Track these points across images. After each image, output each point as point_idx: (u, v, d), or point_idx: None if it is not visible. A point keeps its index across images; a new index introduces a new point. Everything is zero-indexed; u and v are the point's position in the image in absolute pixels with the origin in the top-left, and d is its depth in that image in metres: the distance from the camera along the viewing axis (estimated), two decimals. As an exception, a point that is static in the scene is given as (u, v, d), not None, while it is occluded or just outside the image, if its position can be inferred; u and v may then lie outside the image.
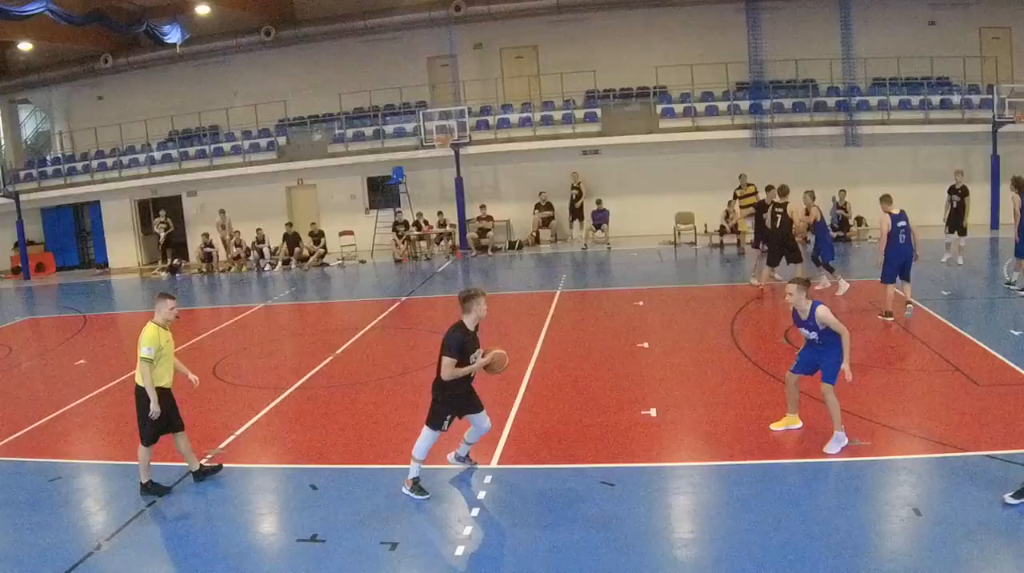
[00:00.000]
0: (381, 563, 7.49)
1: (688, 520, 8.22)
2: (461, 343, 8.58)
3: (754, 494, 8.57)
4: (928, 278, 18.67)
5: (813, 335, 9.84)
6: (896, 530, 7.78)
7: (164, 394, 9.07)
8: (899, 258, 15.03)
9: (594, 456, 9.66)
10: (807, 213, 18.12)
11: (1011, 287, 17.80)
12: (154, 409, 8.92)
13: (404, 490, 8.84)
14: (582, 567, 7.28)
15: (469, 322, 8.73)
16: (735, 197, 25.29)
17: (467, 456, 9.37)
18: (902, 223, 15.00)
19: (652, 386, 12.47)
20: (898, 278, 15.33)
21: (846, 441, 9.70)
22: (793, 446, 9.80)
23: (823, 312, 9.69)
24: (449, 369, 8.53)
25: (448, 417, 8.77)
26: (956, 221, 21.33)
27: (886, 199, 15.60)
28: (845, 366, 9.59)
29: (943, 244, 21.45)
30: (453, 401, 8.74)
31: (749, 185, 25.12)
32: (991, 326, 15.24)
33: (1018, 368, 12.10)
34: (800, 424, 10.26)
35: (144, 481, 9.18)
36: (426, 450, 8.81)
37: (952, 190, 22.02)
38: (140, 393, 9.04)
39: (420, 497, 8.71)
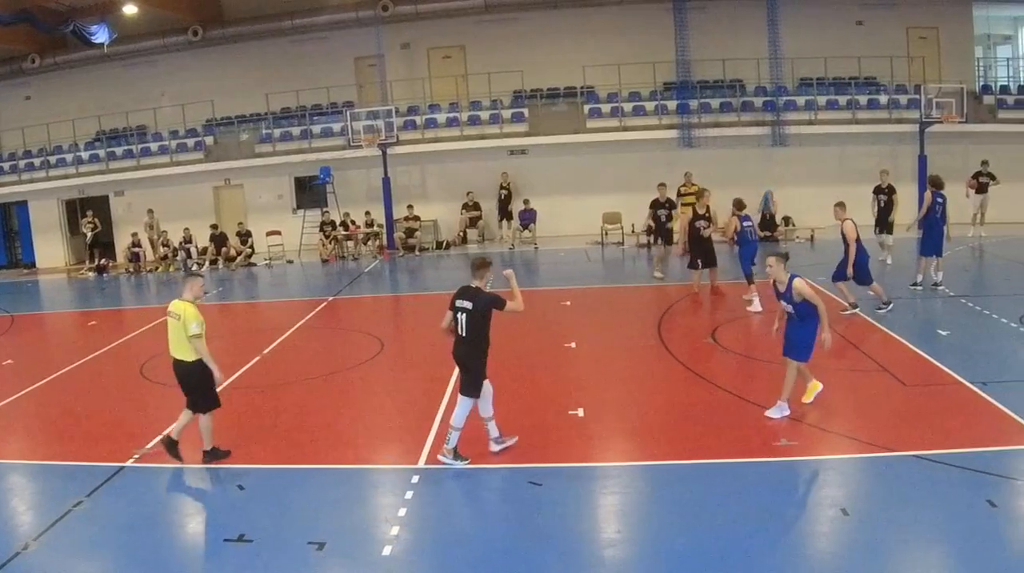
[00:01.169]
0: (309, 563, 7.40)
1: (615, 520, 8.15)
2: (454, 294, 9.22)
3: (681, 494, 8.53)
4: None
5: (790, 308, 10.29)
6: (824, 530, 7.75)
7: (201, 367, 9.52)
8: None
9: (521, 456, 9.52)
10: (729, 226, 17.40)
11: (916, 287, 17.54)
12: (218, 375, 9.55)
13: (445, 459, 9.15)
14: (509, 567, 7.23)
15: (483, 286, 9.15)
16: (679, 194, 24.64)
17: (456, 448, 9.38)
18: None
19: (579, 386, 12.29)
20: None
21: (788, 412, 10.20)
22: (721, 446, 9.69)
23: (800, 284, 10.12)
24: (514, 300, 9.03)
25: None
26: (885, 220, 21.04)
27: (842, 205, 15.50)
28: (825, 334, 10.08)
29: (876, 244, 20.94)
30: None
31: (693, 184, 24.78)
32: (918, 326, 15.17)
33: (945, 368, 12.03)
34: (821, 386, 10.65)
35: (208, 448, 9.69)
36: (465, 418, 9.18)
37: (879, 190, 22.00)
38: (190, 369, 9.51)
39: (462, 463, 9.10)
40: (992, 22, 30.12)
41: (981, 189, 25.32)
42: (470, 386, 9.26)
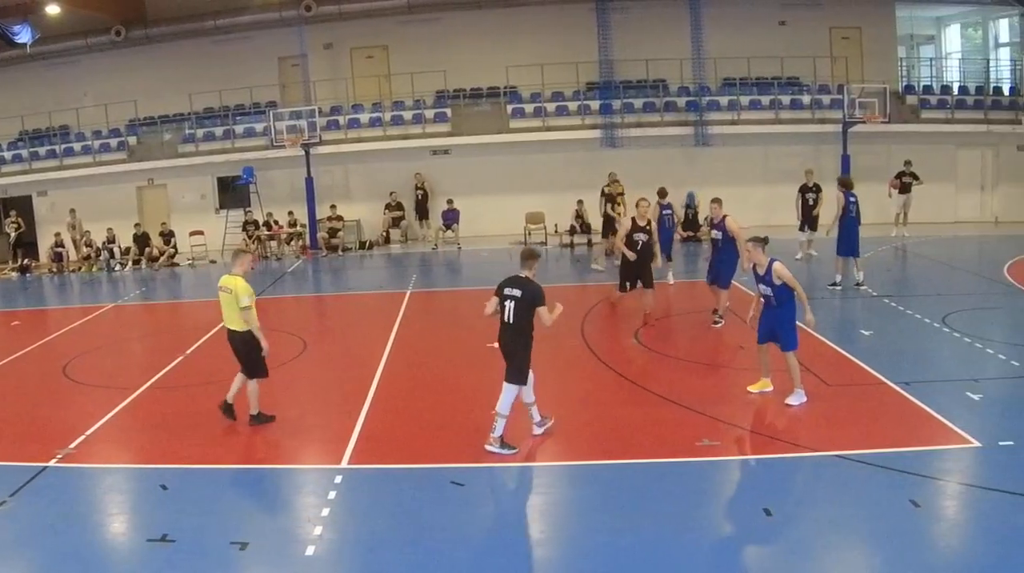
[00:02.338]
0: (231, 563, 7.33)
1: (540, 520, 8.13)
2: (502, 282, 9.54)
3: (605, 494, 8.47)
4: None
5: (769, 291, 10.49)
6: (747, 530, 7.71)
7: (252, 336, 10.33)
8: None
9: (444, 456, 9.50)
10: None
11: (835, 287, 17.43)
12: (265, 346, 10.33)
13: (492, 448, 9.30)
14: (431, 567, 7.16)
15: (532, 276, 9.48)
16: (602, 194, 24.94)
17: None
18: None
19: (501, 386, 12.10)
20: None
21: (804, 398, 10.47)
22: (644, 446, 9.64)
23: (780, 268, 10.37)
24: (551, 313, 9.32)
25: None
26: (809, 218, 21.07)
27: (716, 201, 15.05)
28: (809, 316, 10.48)
29: (796, 243, 21.07)
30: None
31: (616, 182, 25.01)
32: (841, 326, 15.11)
33: (868, 368, 12.06)
34: (771, 388, 10.86)
35: (254, 413, 10.52)
36: (511, 405, 9.38)
37: (805, 189, 21.93)
38: (242, 338, 10.37)
39: (509, 452, 9.27)
40: (915, 22, 29.82)
41: (904, 189, 25.12)
42: (516, 373, 9.43)
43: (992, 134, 26.92)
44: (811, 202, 21.25)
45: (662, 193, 18.84)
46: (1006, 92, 28.27)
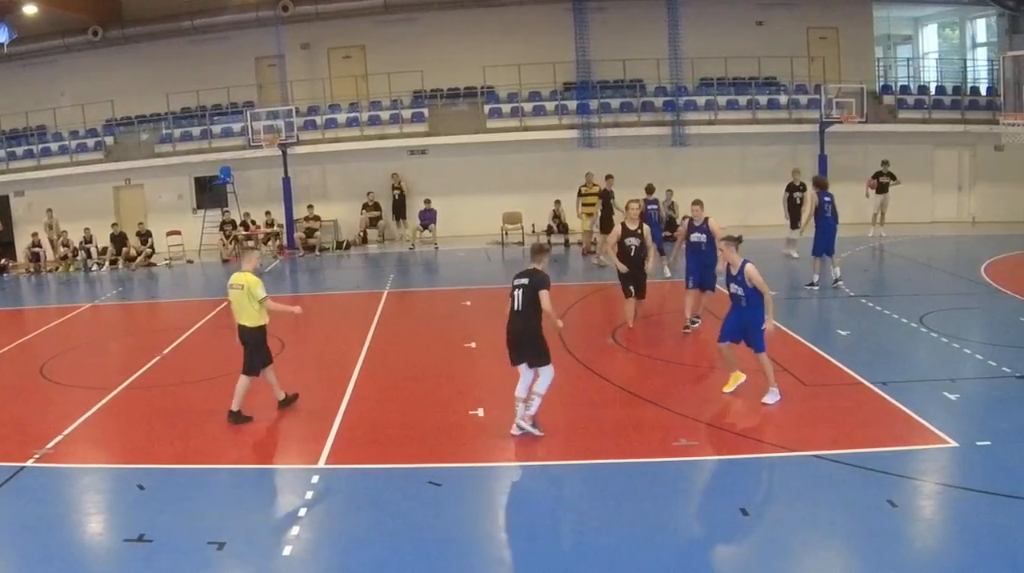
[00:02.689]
0: (209, 563, 7.31)
1: (517, 520, 8.14)
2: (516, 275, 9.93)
3: (581, 494, 8.55)
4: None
5: (740, 291, 10.66)
6: (724, 530, 7.69)
7: (261, 331, 10.62)
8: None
9: (421, 456, 9.51)
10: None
11: (813, 287, 17.40)
12: (297, 309, 11.00)
13: (526, 426, 9.63)
14: (408, 567, 7.14)
15: (541, 268, 9.87)
16: (579, 194, 24.24)
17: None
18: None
19: (479, 386, 12.14)
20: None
21: (779, 396, 10.57)
22: (620, 446, 9.65)
23: (751, 270, 10.52)
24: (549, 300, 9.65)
25: None
26: (798, 216, 21.10)
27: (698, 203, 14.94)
28: (769, 324, 10.54)
29: (785, 241, 21.28)
30: None
31: (594, 183, 24.39)
32: (818, 326, 15.25)
33: (845, 368, 12.05)
34: (745, 377, 11.00)
35: (235, 409, 10.58)
36: (542, 385, 9.70)
37: (792, 187, 21.99)
38: (252, 334, 10.56)
39: (539, 433, 9.63)
40: (892, 22, 29.73)
41: (881, 189, 25.05)
42: (538, 356, 9.72)
43: (969, 134, 26.83)
44: (798, 201, 21.36)
45: (649, 189, 20.13)
46: (983, 92, 28.14)
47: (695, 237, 14.38)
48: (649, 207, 18.80)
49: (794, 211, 21.59)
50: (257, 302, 10.48)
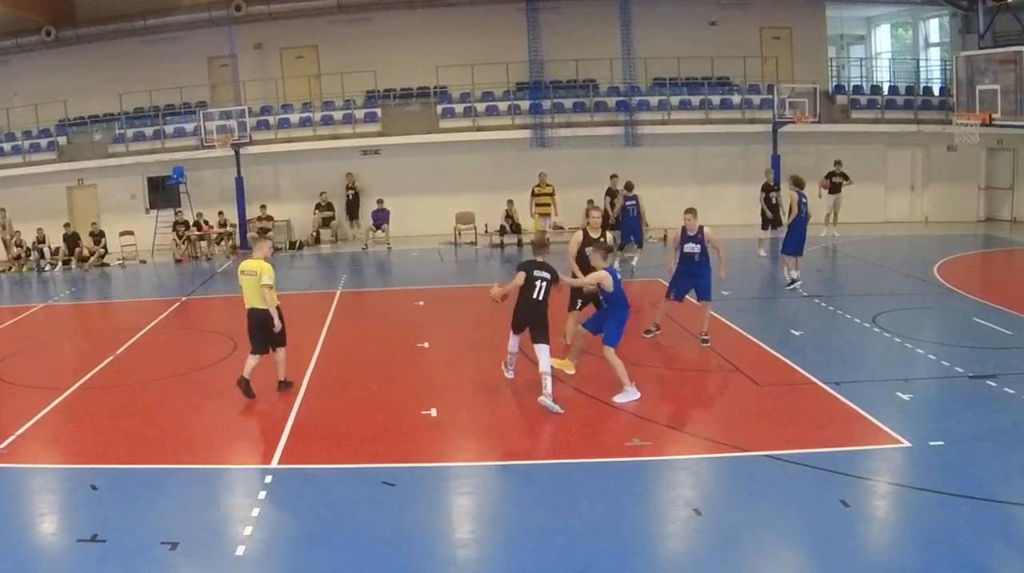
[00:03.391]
0: (162, 563, 7.26)
1: (469, 520, 8.12)
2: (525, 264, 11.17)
3: (534, 495, 8.49)
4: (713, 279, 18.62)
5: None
6: (677, 530, 7.73)
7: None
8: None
9: (375, 456, 9.49)
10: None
11: (795, 287, 17.39)
12: (278, 323, 11.25)
13: (547, 401, 10.42)
14: (361, 568, 7.13)
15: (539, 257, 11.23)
16: (533, 194, 24.20)
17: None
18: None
19: (433, 386, 12.15)
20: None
21: (636, 395, 10.81)
22: (573, 446, 9.64)
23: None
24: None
25: None
26: (777, 216, 21.41)
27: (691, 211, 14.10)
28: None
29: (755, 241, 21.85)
30: None
31: (548, 184, 24.25)
32: (772, 326, 15.11)
33: (798, 368, 12.05)
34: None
35: (282, 378, 11.78)
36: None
37: (768, 187, 21.99)
38: (265, 316, 11.24)
39: (559, 409, 10.41)
40: (845, 22, 29.71)
41: (834, 189, 24.90)
42: (546, 334, 10.88)
43: (922, 134, 26.72)
44: (774, 200, 21.41)
45: (629, 186, 20.93)
46: (936, 92, 28.01)
47: (688, 247, 13.44)
48: (628, 203, 20.50)
49: (773, 211, 21.63)
50: (261, 286, 11.14)
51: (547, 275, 10.93)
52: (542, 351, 10.68)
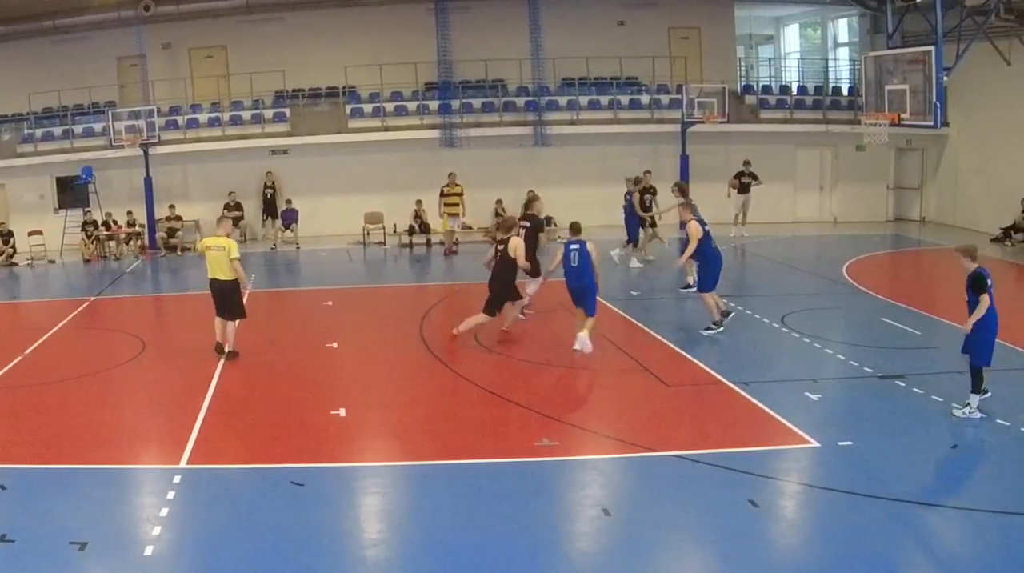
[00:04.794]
0: (70, 563, 7.24)
1: (378, 520, 8.15)
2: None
3: (443, 494, 8.54)
4: (619, 278, 18.86)
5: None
6: (586, 530, 7.79)
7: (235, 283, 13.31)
8: None
9: (283, 456, 9.49)
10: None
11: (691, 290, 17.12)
12: (248, 285, 13.74)
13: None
14: (270, 567, 7.13)
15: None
16: (442, 194, 24.01)
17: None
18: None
19: (341, 386, 12.22)
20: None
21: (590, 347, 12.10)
22: (483, 446, 9.77)
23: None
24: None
25: None
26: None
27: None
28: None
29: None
30: None
31: (457, 184, 24.06)
32: (680, 326, 15.12)
33: (707, 368, 12.17)
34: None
35: (230, 350, 13.30)
36: None
37: (645, 190, 22.01)
38: (230, 287, 13.25)
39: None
40: (754, 22, 29.53)
41: (743, 189, 24.70)
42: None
43: (831, 134, 26.65)
44: (648, 203, 21.39)
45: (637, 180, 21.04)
46: (845, 92, 27.92)
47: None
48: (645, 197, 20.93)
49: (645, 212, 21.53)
50: (230, 259, 12.92)
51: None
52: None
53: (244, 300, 13.37)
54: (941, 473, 9.09)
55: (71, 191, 27.20)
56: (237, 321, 13.30)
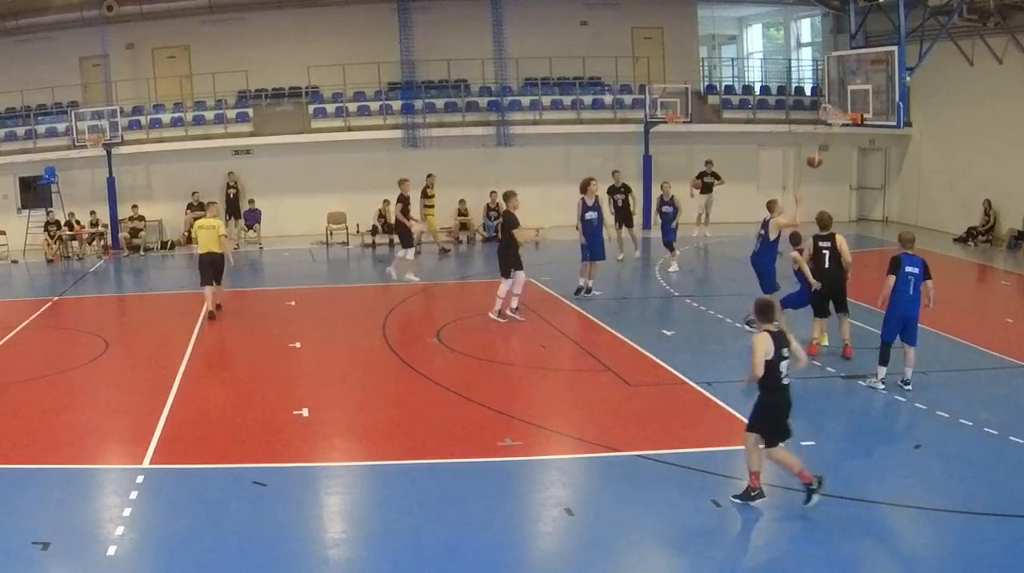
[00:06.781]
0: (33, 563, 7.22)
1: (340, 520, 8.17)
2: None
3: (406, 494, 8.48)
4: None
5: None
6: (548, 530, 7.83)
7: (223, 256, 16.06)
8: None
9: (246, 456, 9.49)
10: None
11: (591, 295, 17.02)
12: (231, 261, 16.71)
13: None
14: (233, 567, 7.14)
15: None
16: (424, 195, 23.74)
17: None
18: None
19: (304, 386, 12.15)
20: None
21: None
22: (445, 446, 9.72)
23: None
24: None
25: None
26: (625, 217, 20.99)
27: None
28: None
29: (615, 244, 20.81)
30: None
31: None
32: (643, 326, 15.13)
33: (670, 368, 12.16)
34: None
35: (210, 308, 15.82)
36: None
37: (614, 190, 21.97)
38: (218, 258, 16.10)
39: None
40: (717, 22, 29.13)
41: (705, 189, 24.35)
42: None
43: (794, 134, 26.24)
44: (619, 202, 21.35)
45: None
46: (807, 92, 27.59)
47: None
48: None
49: (619, 213, 21.25)
50: (219, 236, 15.74)
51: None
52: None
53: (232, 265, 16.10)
54: (903, 472, 9.03)
55: (34, 191, 26.83)
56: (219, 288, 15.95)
